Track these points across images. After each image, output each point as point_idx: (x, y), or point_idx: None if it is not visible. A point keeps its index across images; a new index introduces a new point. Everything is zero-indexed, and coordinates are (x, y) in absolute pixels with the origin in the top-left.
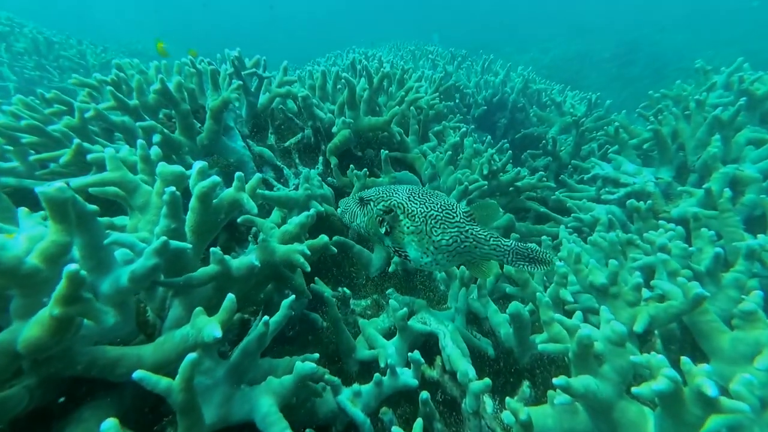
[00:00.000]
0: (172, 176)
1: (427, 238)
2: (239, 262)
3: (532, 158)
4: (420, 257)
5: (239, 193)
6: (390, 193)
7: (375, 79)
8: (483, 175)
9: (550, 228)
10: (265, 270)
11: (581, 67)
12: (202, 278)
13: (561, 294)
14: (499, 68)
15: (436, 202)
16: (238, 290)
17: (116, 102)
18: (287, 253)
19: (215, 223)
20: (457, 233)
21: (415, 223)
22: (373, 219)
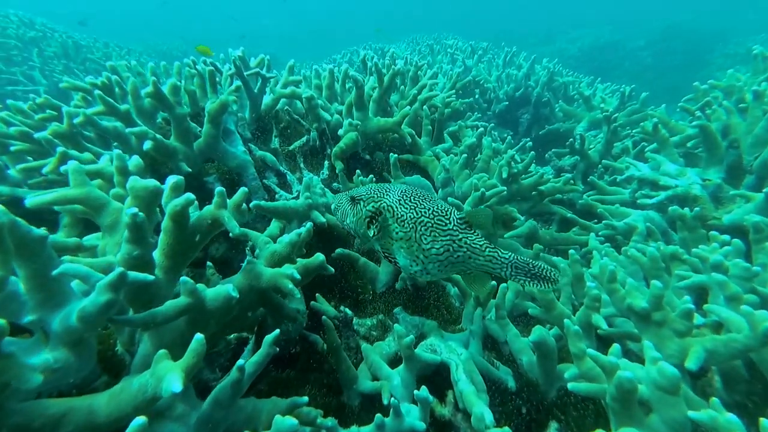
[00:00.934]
0: (145, 192)
1: (417, 245)
2: (215, 293)
3: (558, 157)
4: (409, 265)
5: (220, 211)
6: (381, 194)
7: (386, 78)
8: (502, 179)
9: (578, 236)
10: (251, 296)
11: (613, 56)
12: (169, 314)
13: (594, 320)
14: (523, 61)
15: (428, 207)
16: (216, 323)
17: (105, 106)
18: (273, 278)
19: (192, 244)
20: (450, 242)
21: (404, 229)
22: (362, 220)
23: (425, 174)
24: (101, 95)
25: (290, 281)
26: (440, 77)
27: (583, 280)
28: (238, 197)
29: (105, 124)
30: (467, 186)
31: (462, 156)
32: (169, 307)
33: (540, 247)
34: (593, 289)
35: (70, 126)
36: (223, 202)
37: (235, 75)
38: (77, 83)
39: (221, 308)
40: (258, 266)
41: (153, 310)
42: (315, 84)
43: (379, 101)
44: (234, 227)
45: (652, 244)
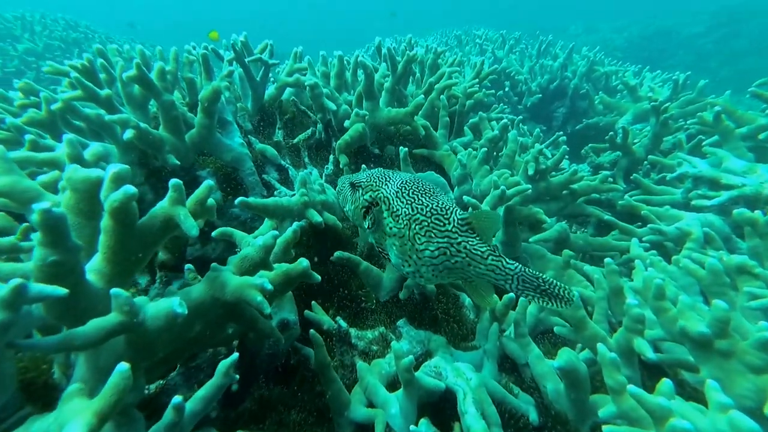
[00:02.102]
0: (86, 184)
1: (410, 244)
2: (156, 310)
3: (595, 153)
4: (400, 264)
5: (174, 208)
6: (380, 182)
7: (399, 65)
8: (528, 176)
9: (617, 242)
10: (217, 309)
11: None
12: (92, 336)
13: (636, 346)
14: (559, 50)
15: (426, 204)
16: (165, 344)
17: (83, 91)
18: (239, 288)
19: (142, 247)
20: (447, 245)
21: (398, 225)
22: (358, 209)
23: (441, 170)
24: (78, 78)
25: (259, 292)
26: (467, 68)
27: (622, 294)
28: (201, 192)
29: (87, 111)
30: (486, 184)
31: (481, 150)
32: (92, 328)
33: (570, 253)
34: (635, 308)
35: (49, 113)
36: (180, 197)
37: (235, 61)
38: (60, 67)
39: (165, 328)
40: (223, 274)
41: (71, 332)
42: (322, 72)
43: (391, 91)
44: (191, 227)
45: (711, 253)
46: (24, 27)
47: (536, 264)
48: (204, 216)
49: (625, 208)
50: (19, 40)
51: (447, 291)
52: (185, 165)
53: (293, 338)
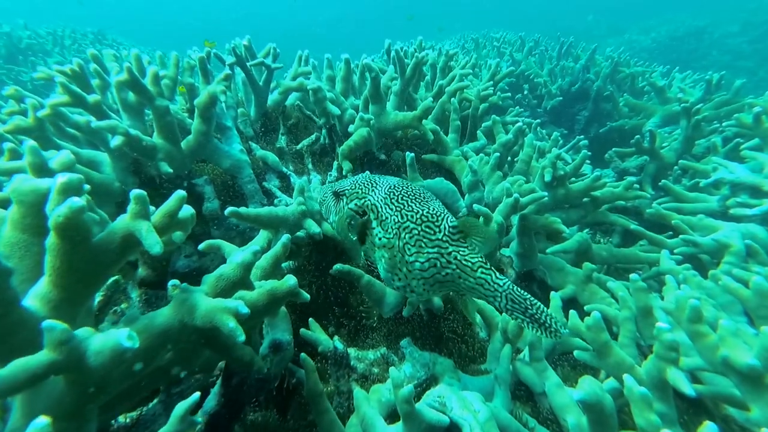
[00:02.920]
0: (33, 196)
1: (400, 256)
2: (100, 344)
3: (620, 158)
4: (390, 279)
5: (136, 223)
6: (367, 189)
7: (408, 67)
8: (545, 182)
9: (646, 253)
10: (186, 335)
11: (697, 46)
12: (16, 379)
13: (670, 378)
14: (581, 51)
15: (416, 210)
16: (120, 380)
17: (69, 96)
18: (209, 313)
19: (98, 268)
20: (437, 255)
21: (387, 235)
22: (344, 220)
23: (451, 177)
24: (63, 83)
25: (232, 317)
26: (484, 71)
27: (652, 315)
28: (170, 204)
29: (76, 118)
30: (499, 191)
31: (494, 155)
32: (16, 370)
33: (592, 266)
34: (667, 333)
35: (36, 120)
36: (142, 210)
37: (236, 65)
38: (51, 72)
39: (112, 364)
40: (193, 296)
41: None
42: (327, 76)
43: (400, 94)
44: (153, 244)
45: (756, 268)
46: (55, 42)
47: (555, 277)
48: (175, 230)
49: (654, 217)
50: (50, 54)
51: (455, 307)
52: (181, 173)
53: (287, 360)
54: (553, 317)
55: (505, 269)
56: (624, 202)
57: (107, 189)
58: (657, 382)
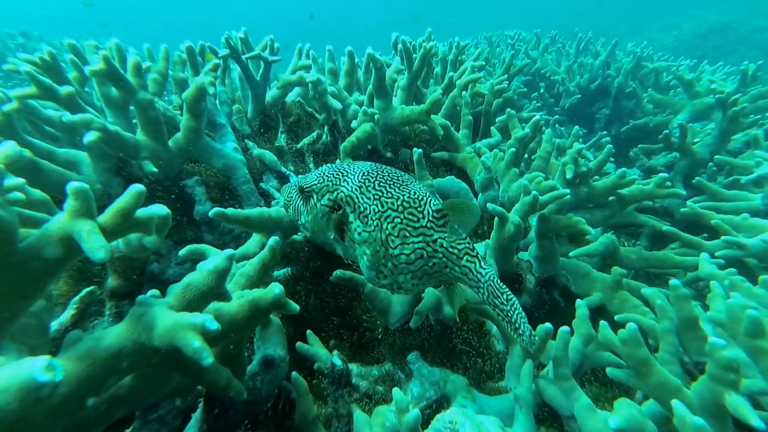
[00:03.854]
0: None
1: (383, 250)
2: (6, 379)
3: (646, 155)
4: (374, 277)
5: (74, 222)
6: (337, 179)
7: (416, 59)
8: (566, 180)
9: (683, 257)
10: (147, 357)
11: (722, 42)
12: None
13: (730, 405)
14: (600, 47)
15: (396, 196)
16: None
17: (37, 87)
18: (170, 330)
19: (27, 278)
20: (423, 245)
21: (367, 228)
22: (319, 219)
23: (463, 176)
24: (30, 72)
25: (198, 336)
26: (498, 69)
27: (697, 327)
28: (125, 200)
29: (49, 113)
30: (515, 189)
31: (509, 151)
32: None
33: (622, 271)
34: (723, 350)
35: (2, 116)
36: (83, 207)
37: (230, 57)
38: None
39: (22, 405)
40: (152, 311)
41: None
42: (329, 69)
43: (408, 88)
44: (94, 248)
45: None
46: None
47: (580, 284)
48: (132, 231)
49: (689, 217)
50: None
51: (468, 317)
52: (169, 173)
53: (280, 378)
54: (524, 322)
55: (523, 275)
56: (651, 202)
57: None
58: (712, 409)
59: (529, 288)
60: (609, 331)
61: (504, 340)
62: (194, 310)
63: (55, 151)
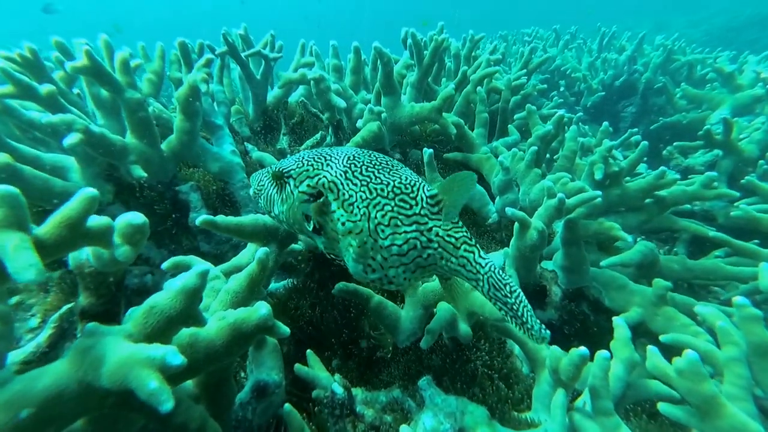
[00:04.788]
0: None
1: (372, 241)
2: None
3: (682, 154)
4: (362, 271)
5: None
6: (319, 164)
7: (426, 54)
8: (594, 181)
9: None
10: (99, 400)
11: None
12: None
13: None
14: (626, 42)
15: (386, 181)
16: None
17: (14, 86)
18: (121, 368)
19: None
20: (416, 234)
21: (352, 217)
22: (295, 208)
23: (478, 178)
24: (5, 69)
25: (155, 374)
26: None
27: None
28: (70, 208)
29: (30, 114)
30: (537, 192)
31: (530, 150)
32: None
33: (666, 284)
34: None
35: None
36: (13, 216)
37: (227, 54)
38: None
39: None
40: (103, 344)
41: None
42: (333, 65)
43: (418, 85)
44: (23, 269)
45: None
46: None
47: (614, 297)
48: (83, 245)
49: (739, 222)
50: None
51: (488, 335)
52: (162, 178)
53: (275, 407)
54: (531, 315)
55: (548, 286)
56: (690, 205)
57: None
58: None
59: (554, 301)
60: (660, 359)
61: (528, 361)
62: (159, 339)
63: (40, 156)
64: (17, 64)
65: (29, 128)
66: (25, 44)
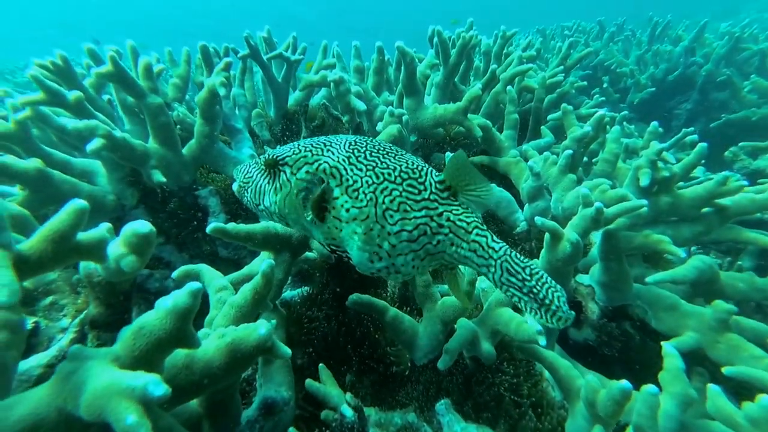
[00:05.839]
0: None
1: (379, 227)
2: None
3: (750, 155)
4: (367, 260)
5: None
6: (318, 150)
7: (453, 52)
8: (640, 187)
9: None
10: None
11: None
12: None
13: None
14: (683, 31)
15: (393, 166)
16: None
17: (44, 93)
18: (99, 397)
19: None
20: (426, 219)
21: (358, 203)
22: (293, 196)
23: (506, 184)
24: (36, 76)
25: (135, 405)
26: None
27: None
28: (59, 221)
29: (61, 121)
30: (572, 199)
31: (565, 154)
32: None
33: (730, 308)
34: None
35: (17, 124)
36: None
37: (249, 57)
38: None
39: None
40: (86, 369)
41: None
42: (355, 66)
43: (443, 86)
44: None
45: None
46: None
47: (663, 319)
48: (73, 260)
49: None
50: None
51: (514, 356)
52: (183, 183)
53: (284, 425)
54: (560, 295)
55: (583, 302)
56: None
57: (99, 202)
58: None
59: (591, 319)
60: (725, 402)
61: (561, 390)
62: (149, 363)
63: (71, 161)
64: (50, 72)
65: (61, 134)
66: (57, 52)
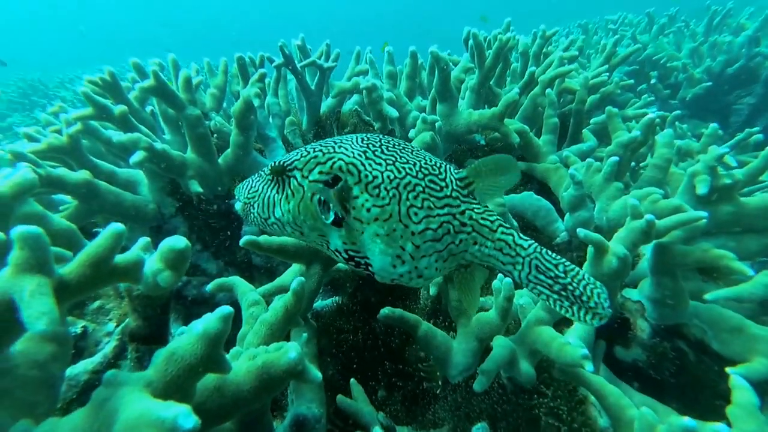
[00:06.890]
0: None
1: (402, 227)
2: None
3: None
4: (389, 265)
5: (17, 280)
6: (331, 149)
7: (489, 55)
8: (697, 196)
9: None
10: None
11: None
12: None
13: None
14: (746, 20)
15: (413, 161)
16: None
17: (93, 107)
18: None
19: None
20: (449, 218)
21: (379, 201)
22: (308, 200)
23: (544, 191)
24: (86, 92)
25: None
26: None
27: None
28: (98, 246)
29: (108, 134)
30: (618, 209)
31: (610, 160)
32: None
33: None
34: None
35: (69, 138)
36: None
37: (284, 66)
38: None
39: None
40: (119, 396)
41: None
42: (388, 72)
43: (477, 90)
44: (34, 318)
45: None
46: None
47: (727, 341)
48: (111, 282)
49: None
50: None
51: (552, 375)
52: (218, 192)
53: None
54: (598, 288)
55: (632, 319)
56: None
57: (141, 211)
58: None
59: (641, 338)
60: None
61: (610, 419)
62: (181, 388)
63: (116, 171)
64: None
65: (107, 146)
66: (106, 68)
